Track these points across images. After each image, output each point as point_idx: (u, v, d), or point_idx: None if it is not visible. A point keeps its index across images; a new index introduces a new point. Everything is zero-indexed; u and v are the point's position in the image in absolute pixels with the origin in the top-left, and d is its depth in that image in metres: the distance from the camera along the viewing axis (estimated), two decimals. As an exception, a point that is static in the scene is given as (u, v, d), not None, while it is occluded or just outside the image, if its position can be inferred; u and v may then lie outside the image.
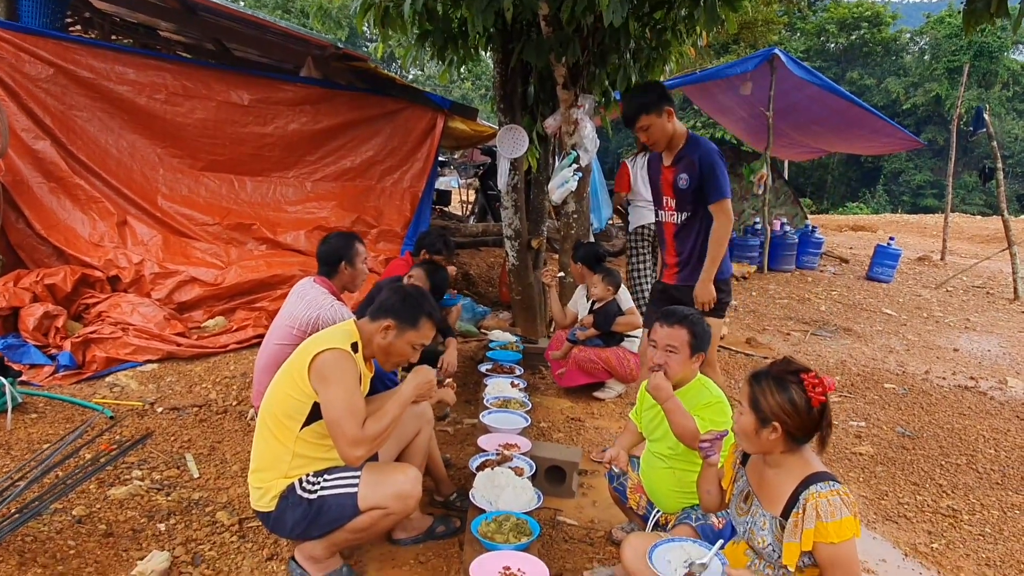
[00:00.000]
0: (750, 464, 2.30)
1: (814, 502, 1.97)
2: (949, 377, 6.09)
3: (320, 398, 2.43)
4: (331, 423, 2.42)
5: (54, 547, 2.65)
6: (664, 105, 3.62)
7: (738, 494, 2.29)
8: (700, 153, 3.61)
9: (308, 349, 2.48)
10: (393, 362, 2.66)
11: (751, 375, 2.13)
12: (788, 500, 2.05)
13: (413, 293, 2.68)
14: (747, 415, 2.09)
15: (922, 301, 9.21)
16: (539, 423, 4.36)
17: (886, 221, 18.33)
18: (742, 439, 2.14)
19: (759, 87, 9.62)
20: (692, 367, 2.76)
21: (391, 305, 2.61)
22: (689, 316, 2.78)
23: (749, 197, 11.31)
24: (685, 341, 2.71)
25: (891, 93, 27.50)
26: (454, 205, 13.22)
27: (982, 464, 4.29)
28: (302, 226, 6.30)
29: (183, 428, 3.96)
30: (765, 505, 2.15)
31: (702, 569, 2.09)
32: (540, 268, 6.58)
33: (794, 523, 2.01)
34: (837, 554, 1.95)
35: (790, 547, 2.02)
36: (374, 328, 2.59)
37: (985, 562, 3.21)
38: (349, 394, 2.42)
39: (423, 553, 2.92)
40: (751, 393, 2.09)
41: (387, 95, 6.65)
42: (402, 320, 2.58)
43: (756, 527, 2.15)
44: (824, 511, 1.95)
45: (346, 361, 2.46)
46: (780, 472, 2.12)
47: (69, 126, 5.66)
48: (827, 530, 1.94)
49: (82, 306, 5.19)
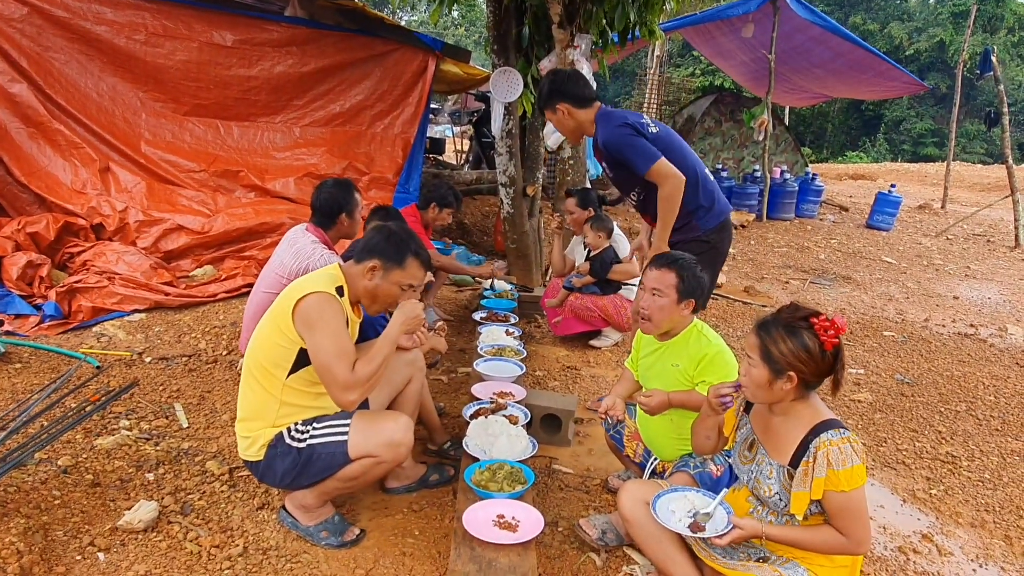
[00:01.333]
0: (754, 411, 2.23)
1: (825, 450, 1.92)
2: (949, 325, 6.04)
3: (307, 344, 2.34)
4: (321, 368, 2.33)
5: (38, 497, 2.59)
6: (556, 101, 3.37)
7: (742, 442, 2.23)
8: (602, 138, 3.34)
9: (291, 294, 2.38)
10: (380, 305, 2.56)
11: (758, 325, 2.03)
12: (797, 448, 2.00)
13: (398, 232, 2.57)
14: (759, 367, 2.00)
15: (922, 249, 9.13)
16: (534, 371, 4.30)
17: (886, 170, 18.13)
18: (755, 392, 2.05)
19: (761, 29, 9.35)
20: (681, 313, 2.65)
21: (376, 245, 2.50)
22: (679, 260, 2.66)
23: (749, 144, 11.12)
24: (672, 284, 2.60)
25: (894, 39, 26.91)
26: (448, 154, 12.98)
27: (981, 411, 4.26)
28: (291, 173, 6.13)
29: (172, 378, 3.88)
30: (772, 454, 2.09)
31: (707, 519, 2.04)
32: (536, 216, 6.45)
33: (804, 472, 1.96)
34: (848, 501, 1.91)
35: (799, 496, 1.97)
36: (359, 270, 2.49)
37: (984, 507, 3.18)
38: (337, 337, 2.32)
39: (416, 502, 2.88)
40: (761, 344, 1.99)
41: (376, 36, 6.40)
42: (387, 259, 2.48)
43: (762, 476, 2.09)
44: (835, 459, 1.91)
45: (331, 304, 2.36)
46: (788, 420, 2.06)
47: (46, 69, 5.44)
48: (838, 478, 1.90)
49: (66, 255, 5.07)
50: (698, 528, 2.02)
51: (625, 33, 5.56)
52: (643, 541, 2.31)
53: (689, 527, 2.04)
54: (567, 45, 5.15)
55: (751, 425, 2.22)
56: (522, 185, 6.03)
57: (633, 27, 5.50)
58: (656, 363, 2.79)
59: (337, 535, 2.54)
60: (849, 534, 1.95)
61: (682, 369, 2.67)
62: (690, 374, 2.65)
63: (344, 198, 3.60)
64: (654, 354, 2.81)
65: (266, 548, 2.50)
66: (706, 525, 2.03)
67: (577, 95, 3.37)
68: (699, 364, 2.62)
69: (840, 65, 10.23)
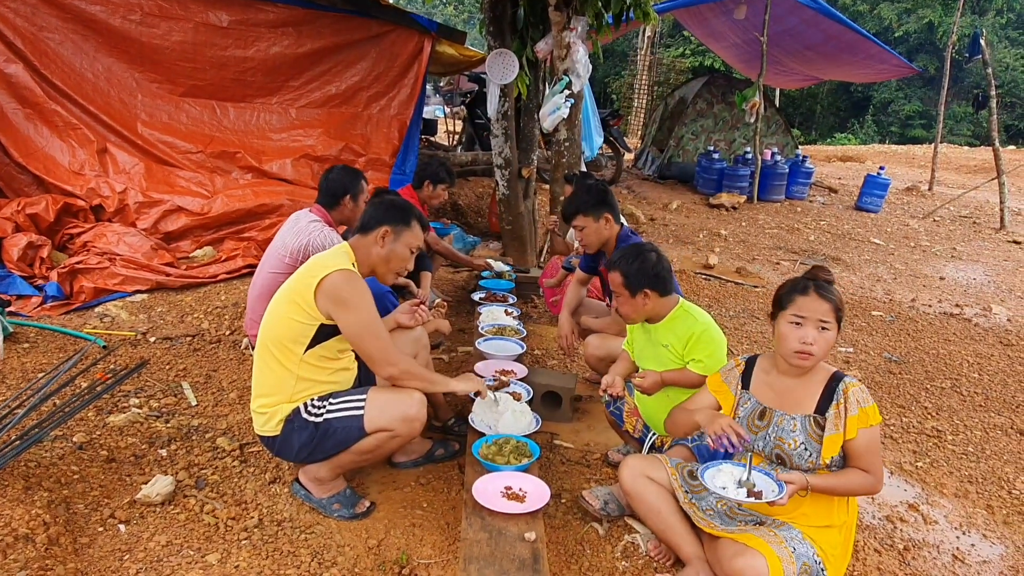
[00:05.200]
0: (757, 383, 2.35)
1: (852, 391, 2.15)
2: (935, 305, 6.18)
3: (340, 320, 2.44)
4: (360, 342, 2.48)
5: (57, 472, 2.67)
6: (604, 211, 3.53)
7: (747, 416, 2.33)
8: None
9: (312, 271, 2.46)
10: (393, 270, 2.68)
11: (818, 290, 2.15)
12: (820, 398, 2.20)
13: (396, 200, 2.74)
14: (834, 329, 2.16)
15: (910, 231, 9.26)
16: (533, 350, 4.39)
17: (874, 152, 18.25)
18: (823, 356, 2.19)
19: (753, 11, 9.37)
20: (651, 302, 2.77)
21: (381, 215, 2.63)
22: (616, 261, 2.82)
23: (740, 126, 11.18)
24: (619, 283, 2.78)
25: (884, 20, 26.89)
26: (440, 135, 12.97)
27: (966, 387, 4.40)
28: (288, 154, 6.14)
29: (177, 357, 3.94)
30: (791, 411, 2.24)
31: (753, 486, 2.13)
32: (531, 197, 6.52)
33: (836, 415, 2.16)
34: (873, 436, 2.14)
35: (832, 439, 2.15)
36: (370, 240, 2.61)
37: (968, 479, 3.32)
38: (372, 312, 2.47)
39: (423, 476, 2.97)
40: (834, 307, 2.15)
41: (372, 17, 6.40)
42: (396, 223, 2.62)
43: (785, 433, 2.23)
44: (862, 398, 2.15)
45: (358, 279, 2.49)
46: (805, 378, 2.25)
47: (41, 49, 5.41)
48: (866, 414, 2.13)
49: (66, 236, 5.09)
50: (756, 495, 2.11)
51: (620, 15, 5.60)
52: (644, 512, 2.43)
53: (750, 495, 2.11)
54: (563, 27, 5.19)
55: (755, 398, 2.33)
56: (517, 167, 6.09)
57: (628, 8, 5.54)
58: (647, 345, 2.91)
59: (349, 507, 2.63)
60: (873, 470, 2.14)
61: (672, 349, 2.79)
62: (680, 353, 2.77)
63: (351, 182, 3.70)
64: (645, 336, 2.93)
65: (280, 520, 2.59)
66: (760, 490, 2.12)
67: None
68: (687, 343, 2.75)
69: (831, 48, 10.28)
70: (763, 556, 2.02)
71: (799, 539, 2.12)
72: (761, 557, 2.02)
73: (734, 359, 2.47)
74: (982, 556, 2.77)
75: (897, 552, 2.72)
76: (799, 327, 2.15)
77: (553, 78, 5.48)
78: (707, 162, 10.43)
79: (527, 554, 2.15)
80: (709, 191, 10.28)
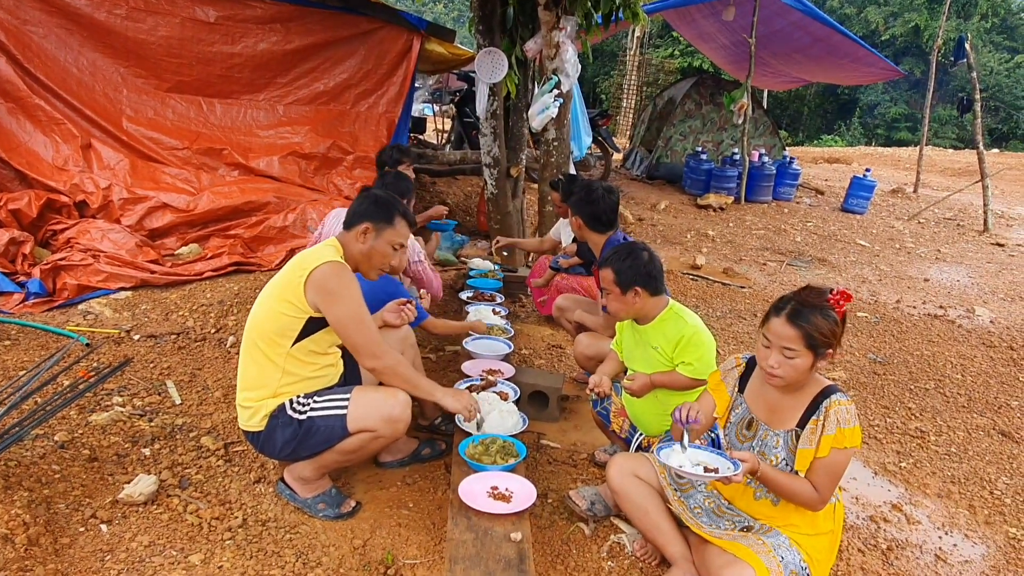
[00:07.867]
0: (751, 391, 2.33)
1: (835, 409, 2.10)
2: (919, 306, 6.23)
3: (328, 313, 2.43)
4: (346, 334, 2.46)
5: (38, 471, 2.63)
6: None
7: (738, 422, 2.34)
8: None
9: (302, 265, 2.45)
10: (375, 267, 2.65)
11: (790, 316, 2.08)
12: (805, 411, 2.15)
13: (382, 195, 2.70)
14: (804, 356, 2.08)
15: (895, 232, 9.34)
16: (521, 350, 4.38)
17: (860, 154, 18.37)
18: (797, 379, 2.13)
19: (742, 12, 9.42)
20: (640, 300, 2.76)
21: (364, 210, 2.61)
22: (608, 258, 2.81)
23: (728, 127, 11.23)
24: (611, 280, 2.76)
25: (871, 23, 27.10)
26: (428, 134, 12.95)
27: (949, 388, 4.44)
28: (275, 151, 6.10)
29: (161, 356, 3.91)
30: (775, 426, 2.22)
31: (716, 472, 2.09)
32: (519, 196, 6.51)
33: (812, 430, 2.12)
34: (840, 459, 2.10)
35: (804, 453, 2.12)
36: (352, 236, 2.59)
37: (950, 479, 3.35)
38: (359, 304, 2.46)
39: (409, 475, 2.96)
40: (804, 334, 2.06)
41: (361, 14, 6.37)
42: (377, 220, 2.59)
43: (767, 448, 2.21)
44: (843, 418, 2.09)
45: (347, 271, 2.48)
46: (795, 392, 2.19)
47: (24, 42, 5.35)
48: (843, 436, 2.08)
49: (49, 232, 5.03)
50: (713, 471, 2.09)
51: (609, 15, 5.60)
52: (631, 511, 2.43)
53: (707, 471, 2.09)
54: (553, 27, 5.19)
55: (747, 404, 2.33)
56: (506, 166, 6.08)
57: (617, 9, 5.54)
58: (637, 347, 2.91)
59: (334, 507, 2.62)
60: (822, 490, 2.11)
61: (662, 351, 2.78)
62: (669, 355, 2.76)
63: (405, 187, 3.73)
64: (634, 338, 2.92)
65: (265, 520, 2.57)
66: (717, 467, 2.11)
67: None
68: (677, 345, 2.74)
69: (819, 50, 10.35)
70: (752, 568, 2.03)
71: (786, 546, 2.13)
72: (750, 568, 2.03)
73: (735, 357, 2.44)
74: (964, 556, 2.80)
75: (880, 552, 2.74)
76: (767, 348, 2.15)
77: (542, 77, 5.48)
78: (695, 163, 10.47)
79: (513, 554, 2.14)
80: (697, 192, 10.32)
